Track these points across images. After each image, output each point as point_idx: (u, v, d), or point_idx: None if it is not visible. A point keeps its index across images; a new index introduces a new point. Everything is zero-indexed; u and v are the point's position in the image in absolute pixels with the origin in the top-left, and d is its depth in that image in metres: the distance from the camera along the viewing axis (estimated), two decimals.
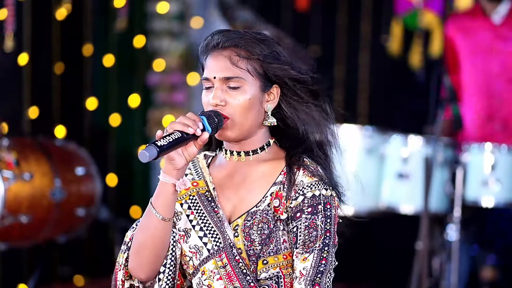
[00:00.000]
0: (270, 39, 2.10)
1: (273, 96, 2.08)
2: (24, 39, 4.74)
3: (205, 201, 2.09)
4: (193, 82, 5.54)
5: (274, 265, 2.04)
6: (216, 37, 2.09)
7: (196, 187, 2.12)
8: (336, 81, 5.41)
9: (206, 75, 2.07)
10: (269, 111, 2.08)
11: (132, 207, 5.47)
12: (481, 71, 4.21)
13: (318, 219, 2.01)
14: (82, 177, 4.04)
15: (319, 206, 2.02)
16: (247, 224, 2.03)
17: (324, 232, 2.01)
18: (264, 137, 2.10)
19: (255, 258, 2.02)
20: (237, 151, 2.09)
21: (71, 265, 5.10)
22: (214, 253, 2.04)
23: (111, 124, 5.34)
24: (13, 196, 3.69)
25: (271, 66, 2.06)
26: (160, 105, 5.60)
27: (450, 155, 4.00)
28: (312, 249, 2.00)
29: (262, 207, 2.05)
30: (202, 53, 2.11)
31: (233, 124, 2.04)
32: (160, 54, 5.55)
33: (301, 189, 2.03)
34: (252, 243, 2.02)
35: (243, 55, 2.04)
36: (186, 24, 5.58)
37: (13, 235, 3.81)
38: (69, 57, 5.11)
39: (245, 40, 2.06)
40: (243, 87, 2.04)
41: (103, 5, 5.37)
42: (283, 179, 2.06)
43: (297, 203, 2.03)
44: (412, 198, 4.03)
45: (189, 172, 2.15)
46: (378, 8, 5.34)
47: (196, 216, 2.08)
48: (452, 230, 3.93)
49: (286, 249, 2.04)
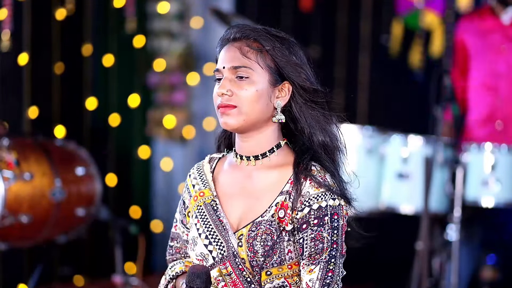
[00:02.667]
0: (287, 37, 2.08)
1: (285, 93, 2.07)
2: (24, 39, 4.74)
3: (211, 210, 2.08)
4: (193, 82, 5.54)
5: (279, 276, 2.02)
6: (230, 30, 2.09)
7: (202, 197, 2.11)
8: (336, 81, 5.41)
9: (217, 67, 2.07)
10: (279, 108, 2.06)
11: (132, 207, 5.47)
12: (488, 71, 4.22)
13: (324, 231, 1.99)
14: (82, 177, 4.04)
15: (326, 217, 1.99)
16: (251, 234, 2.02)
17: (331, 244, 1.99)
18: (274, 137, 2.08)
19: (258, 269, 2.01)
20: (246, 156, 2.07)
21: (71, 265, 5.10)
22: (218, 261, 2.04)
23: (111, 124, 5.34)
24: (13, 196, 3.68)
25: (282, 62, 2.04)
26: (160, 105, 5.60)
27: (450, 155, 4.00)
28: (318, 261, 1.98)
29: (267, 217, 2.02)
30: (217, 47, 2.11)
31: (239, 113, 2.02)
32: (160, 54, 5.55)
33: (308, 200, 2.00)
34: (255, 254, 2.00)
35: (253, 47, 2.04)
36: (186, 24, 5.58)
37: (13, 235, 3.81)
38: (69, 57, 5.11)
39: (258, 33, 2.05)
40: (251, 78, 2.03)
41: (103, 5, 5.37)
42: (289, 189, 2.03)
43: (303, 215, 2.00)
44: (412, 198, 4.03)
45: (196, 182, 2.14)
46: (378, 8, 5.34)
47: (202, 224, 2.08)
48: (452, 230, 3.93)
49: (291, 259, 2.02)
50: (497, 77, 4.21)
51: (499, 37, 4.22)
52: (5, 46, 4.40)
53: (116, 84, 5.39)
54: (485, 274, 4.58)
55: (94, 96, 5.25)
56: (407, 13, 5.21)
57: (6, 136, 3.76)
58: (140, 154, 5.55)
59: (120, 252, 4.27)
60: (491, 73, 4.22)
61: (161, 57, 5.55)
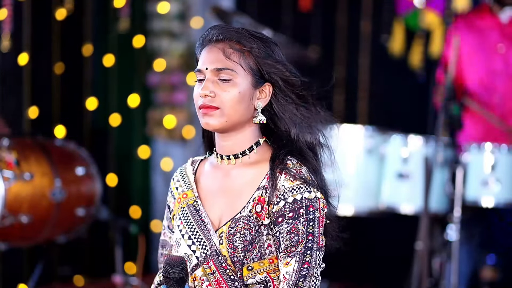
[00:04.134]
0: (267, 37, 2.11)
1: (265, 94, 2.09)
2: (24, 39, 4.74)
3: (193, 211, 2.11)
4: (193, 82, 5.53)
5: (260, 270, 2.03)
6: (212, 31, 2.10)
7: (185, 198, 2.14)
8: (336, 81, 5.40)
9: (198, 67, 2.09)
10: (259, 109, 2.08)
11: (132, 207, 5.47)
12: (485, 69, 4.22)
13: (299, 223, 2.00)
14: (82, 177, 4.04)
15: (301, 210, 2.01)
16: (231, 231, 2.04)
17: (306, 236, 2.00)
18: (253, 136, 2.10)
19: (239, 265, 2.03)
20: (226, 155, 2.10)
21: (71, 265, 5.10)
22: (202, 260, 2.06)
23: (111, 124, 5.34)
24: (14, 196, 3.68)
25: (265, 62, 2.06)
26: (160, 105, 5.60)
27: (450, 155, 4.00)
28: (294, 253, 2.00)
29: (245, 213, 2.05)
30: (198, 47, 2.13)
31: (221, 114, 2.04)
32: (160, 54, 5.55)
33: (283, 193, 2.02)
34: (235, 250, 2.02)
35: (236, 48, 2.06)
36: (186, 24, 5.58)
37: (13, 235, 3.81)
38: (69, 57, 5.11)
39: (240, 34, 2.07)
40: (233, 80, 2.05)
41: (103, 5, 5.37)
42: (266, 184, 2.05)
43: (278, 208, 2.02)
44: (412, 198, 4.03)
45: (179, 185, 2.17)
46: (379, 8, 5.34)
47: (185, 225, 2.10)
48: (452, 230, 3.93)
49: (272, 253, 2.03)
50: (494, 75, 4.21)
51: (496, 35, 4.22)
52: (5, 46, 4.40)
53: (116, 84, 5.39)
54: (485, 274, 4.58)
55: (94, 96, 5.25)
56: (407, 13, 5.21)
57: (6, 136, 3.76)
58: (140, 154, 5.55)
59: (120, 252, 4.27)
60: (488, 71, 4.21)
61: (161, 57, 5.55)
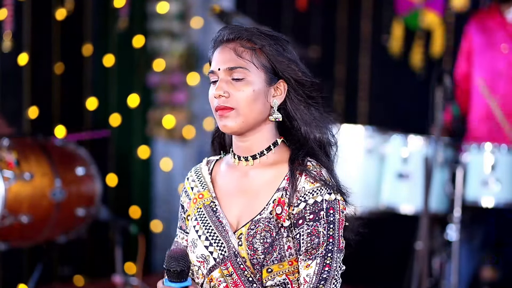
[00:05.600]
0: (278, 35, 2.09)
1: (280, 91, 2.07)
2: (24, 39, 4.74)
3: (210, 212, 2.09)
4: (193, 82, 5.54)
5: (280, 273, 2.01)
6: (222, 32, 2.10)
7: (201, 199, 2.12)
8: (336, 81, 5.40)
9: (211, 68, 2.09)
10: (275, 106, 2.06)
11: (131, 207, 5.47)
12: (488, 69, 4.22)
13: (320, 225, 1.99)
14: (82, 177, 4.04)
15: (321, 212, 1.99)
16: (251, 232, 2.02)
17: (327, 238, 1.99)
18: (271, 135, 2.08)
19: (259, 267, 2.01)
20: (244, 156, 2.08)
21: (71, 265, 5.10)
22: (220, 262, 2.03)
23: (111, 124, 5.34)
24: (14, 196, 3.68)
25: (277, 60, 2.05)
26: (160, 105, 5.60)
27: (450, 155, 4.00)
28: (315, 256, 1.98)
29: (265, 214, 2.03)
30: (210, 49, 2.13)
31: (237, 115, 2.03)
32: (160, 54, 5.55)
33: (303, 195, 2.01)
34: (255, 252, 2.00)
35: (247, 46, 2.04)
36: (186, 24, 5.58)
37: (13, 235, 3.81)
38: (69, 57, 5.11)
39: (250, 33, 2.06)
40: (247, 78, 2.03)
41: (103, 5, 5.37)
42: (286, 185, 2.03)
43: (299, 210, 2.00)
44: (412, 198, 4.02)
45: (195, 185, 2.15)
46: (379, 8, 5.34)
47: (201, 226, 2.08)
48: (452, 230, 3.93)
49: (292, 256, 2.01)
50: (497, 75, 4.21)
51: (501, 35, 4.23)
52: (6, 46, 4.40)
53: (116, 84, 5.40)
54: (485, 274, 4.58)
55: (94, 96, 5.25)
56: (407, 13, 5.21)
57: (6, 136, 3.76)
58: (140, 154, 5.55)
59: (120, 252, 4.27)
60: (491, 71, 4.22)
61: (161, 57, 5.55)
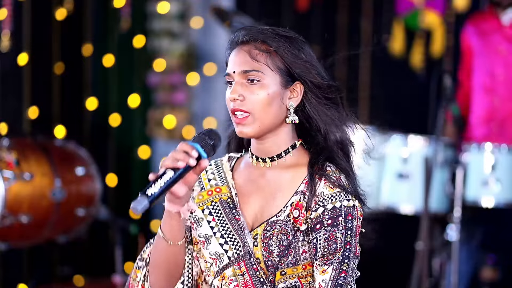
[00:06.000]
0: (294, 36, 2.08)
1: (296, 93, 2.05)
2: (24, 39, 4.74)
3: (227, 208, 2.07)
4: (193, 82, 5.54)
5: (292, 276, 2.01)
6: (238, 33, 2.07)
7: (219, 193, 2.10)
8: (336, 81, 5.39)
9: (227, 70, 2.06)
10: (291, 108, 2.04)
11: None
12: (486, 71, 4.23)
13: (338, 231, 1.97)
14: (82, 177, 4.04)
15: (340, 218, 1.98)
16: (266, 234, 2.01)
17: (344, 244, 1.97)
18: (289, 138, 2.07)
19: (273, 269, 2.00)
20: (262, 157, 2.06)
21: (71, 265, 5.10)
22: (234, 260, 2.02)
23: (111, 124, 5.34)
24: (14, 196, 3.68)
25: (292, 61, 2.03)
26: (160, 105, 5.60)
27: (450, 155, 4.00)
28: (332, 261, 1.97)
29: (282, 217, 2.01)
30: (226, 50, 2.10)
31: (253, 120, 2.01)
32: (160, 54, 5.55)
33: (322, 200, 1.99)
34: (271, 254, 1.99)
35: (262, 49, 2.02)
36: (186, 24, 5.58)
37: (13, 235, 3.81)
38: (69, 57, 5.11)
39: (265, 35, 2.04)
40: (262, 81, 2.01)
41: (103, 5, 5.37)
42: (304, 189, 2.02)
43: (317, 215, 1.99)
44: (412, 198, 4.03)
45: (213, 177, 2.13)
46: (379, 8, 5.34)
47: (217, 223, 2.06)
48: (452, 230, 3.93)
49: (306, 260, 2.01)
50: (495, 78, 4.22)
51: (498, 38, 4.23)
52: (5, 46, 4.40)
53: (116, 84, 5.39)
54: (485, 274, 4.58)
55: (94, 96, 5.25)
56: (407, 13, 5.21)
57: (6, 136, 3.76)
58: (140, 154, 5.55)
59: (120, 252, 4.27)
60: (489, 73, 4.22)
61: (161, 57, 5.54)
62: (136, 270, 2.11)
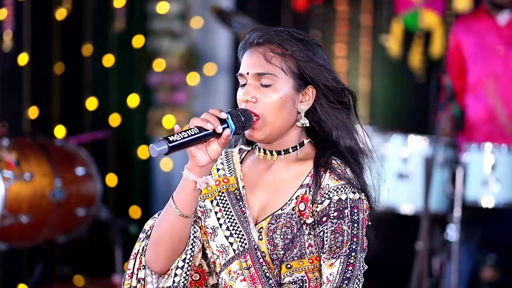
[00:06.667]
0: (309, 39, 2.06)
1: (308, 97, 2.05)
2: (24, 39, 4.74)
3: (234, 200, 2.07)
4: (194, 82, 5.54)
5: (299, 269, 2.00)
6: (253, 34, 2.07)
7: (226, 183, 2.09)
8: None
9: (240, 71, 2.05)
10: (302, 112, 2.04)
11: (132, 207, 5.47)
12: (485, 72, 4.22)
13: (344, 224, 1.96)
14: (82, 177, 4.04)
15: (346, 210, 1.97)
16: (271, 227, 2.00)
17: (351, 237, 1.96)
18: (298, 137, 2.06)
19: (278, 262, 2.00)
20: (269, 150, 2.06)
21: (71, 265, 5.10)
22: (239, 253, 2.02)
23: (111, 124, 5.34)
24: (14, 196, 3.69)
25: (306, 66, 2.02)
26: (160, 105, 5.60)
27: (450, 155, 4.00)
28: (339, 254, 1.96)
29: (287, 210, 2.01)
30: (240, 50, 2.09)
31: (264, 124, 2.00)
32: (161, 54, 5.55)
33: (327, 192, 1.98)
34: (275, 247, 1.99)
35: (277, 52, 2.02)
36: (186, 24, 5.58)
37: (13, 235, 3.82)
38: (69, 57, 5.11)
39: (281, 37, 2.03)
40: (275, 84, 2.01)
41: (103, 5, 5.37)
42: (309, 182, 2.02)
43: (323, 207, 1.98)
44: (412, 198, 4.03)
45: (222, 167, 2.12)
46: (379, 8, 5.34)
47: (223, 214, 2.06)
48: (452, 230, 3.93)
49: (312, 253, 2.00)
50: (494, 78, 4.21)
51: (495, 38, 4.23)
52: (6, 46, 4.40)
53: (116, 84, 5.39)
54: (485, 274, 4.58)
55: (94, 96, 5.25)
56: (406, 13, 5.21)
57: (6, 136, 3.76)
58: (140, 154, 5.55)
59: (120, 252, 4.27)
60: (488, 74, 4.22)
61: (161, 57, 5.55)
62: (138, 242, 2.09)
